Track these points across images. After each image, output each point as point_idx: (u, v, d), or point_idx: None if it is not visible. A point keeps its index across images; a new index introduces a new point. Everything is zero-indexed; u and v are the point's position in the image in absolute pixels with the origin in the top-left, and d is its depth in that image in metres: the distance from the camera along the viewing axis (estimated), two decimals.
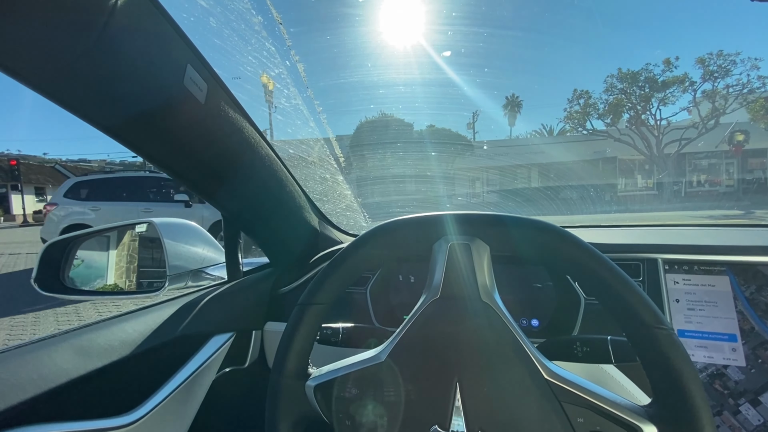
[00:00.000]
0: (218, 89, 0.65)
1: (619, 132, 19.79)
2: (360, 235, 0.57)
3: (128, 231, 1.15)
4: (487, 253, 0.52)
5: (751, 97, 17.73)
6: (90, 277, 1.05)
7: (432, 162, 7.63)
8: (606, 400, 0.45)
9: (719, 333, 0.76)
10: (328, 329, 0.68)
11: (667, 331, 0.44)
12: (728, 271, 0.78)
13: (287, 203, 0.94)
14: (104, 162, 53.16)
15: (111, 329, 0.69)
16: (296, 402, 0.55)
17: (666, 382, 0.44)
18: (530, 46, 36.23)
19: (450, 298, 0.50)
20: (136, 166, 64.50)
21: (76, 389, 0.58)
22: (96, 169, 46.32)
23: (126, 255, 1.14)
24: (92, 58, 0.47)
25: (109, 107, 0.54)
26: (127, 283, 1.08)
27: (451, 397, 0.48)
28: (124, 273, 1.10)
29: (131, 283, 1.07)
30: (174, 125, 0.60)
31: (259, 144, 0.78)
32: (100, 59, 0.47)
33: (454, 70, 22.38)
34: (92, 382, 0.60)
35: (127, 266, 1.12)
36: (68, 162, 43.16)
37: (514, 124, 33.13)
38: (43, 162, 36.44)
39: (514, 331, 0.48)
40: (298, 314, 0.56)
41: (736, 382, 0.74)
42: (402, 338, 0.51)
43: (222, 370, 0.87)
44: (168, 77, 0.55)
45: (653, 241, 0.87)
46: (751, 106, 17.65)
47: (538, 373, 0.47)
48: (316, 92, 1.24)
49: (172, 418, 0.71)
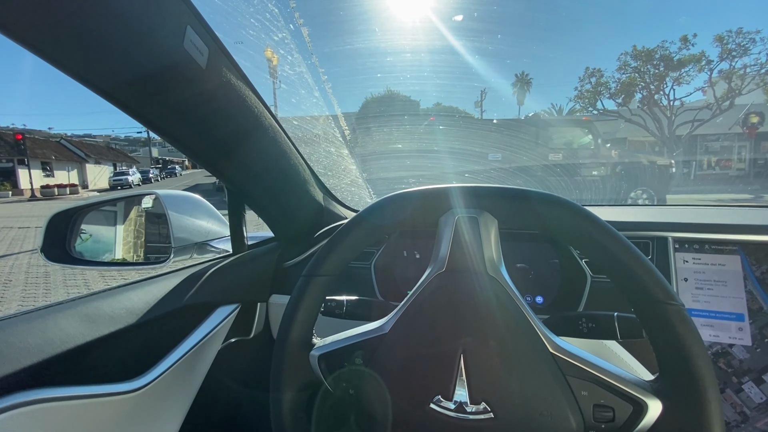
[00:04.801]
0: (220, 54, 0.62)
1: (630, 112, 19.36)
2: (363, 208, 0.56)
3: (134, 205, 1.15)
4: (494, 227, 0.50)
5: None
6: (95, 248, 1.05)
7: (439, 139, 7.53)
8: (611, 374, 0.45)
9: (727, 312, 0.75)
10: (333, 301, 0.68)
11: (677, 307, 0.44)
12: (740, 251, 0.77)
13: (292, 176, 0.92)
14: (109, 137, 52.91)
15: (117, 297, 0.69)
16: (300, 370, 0.56)
17: (674, 358, 0.43)
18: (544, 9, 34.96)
19: (456, 271, 0.49)
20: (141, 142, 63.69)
21: (83, 355, 0.59)
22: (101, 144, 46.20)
23: (132, 227, 1.14)
24: (85, 13, 0.45)
25: (105, 68, 0.52)
26: (133, 254, 1.08)
27: (456, 368, 0.47)
28: (130, 245, 1.11)
29: (137, 254, 1.08)
30: (173, 90, 0.58)
31: (262, 114, 0.76)
32: (94, 15, 0.45)
33: (464, 38, 21.64)
34: (98, 348, 0.61)
35: (132, 238, 1.12)
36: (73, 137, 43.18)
37: (523, 102, 32.49)
38: (48, 137, 36.49)
39: (520, 305, 0.48)
40: (303, 285, 0.56)
41: (740, 360, 0.74)
42: (407, 310, 0.51)
43: (228, 341, 0.88)
44: (167, 39, 0.53)
45: (663, 219, 0.85)
46: None
47: (544, 346, 0.46)
48: (321, 59, 1.19)
49: (178, 385, 0.72)
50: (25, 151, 25.47)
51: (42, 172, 29.75)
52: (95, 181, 35.50)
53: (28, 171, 27.10)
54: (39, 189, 27.11)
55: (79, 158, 34.85)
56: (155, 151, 53.88)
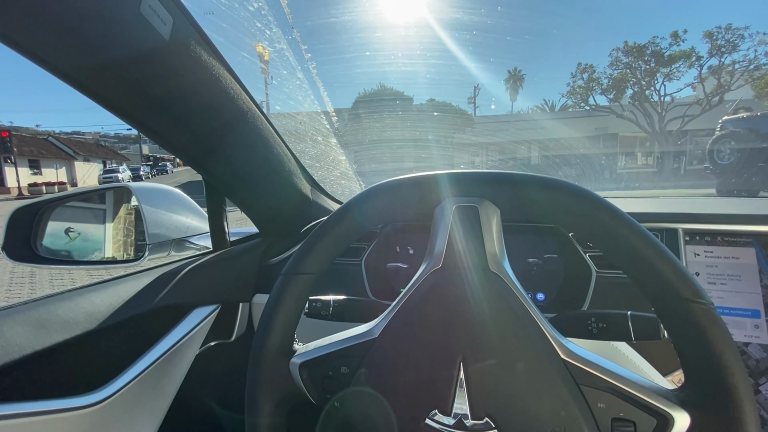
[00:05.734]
0: (186, 25, 0.55)
1: (622, 108, 19.48)
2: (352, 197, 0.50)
3: (106, 199, 1.07)
4: (496, 217, 0.45)
5: (757, 73, 17.40)
6: (63, 245, 0.98)
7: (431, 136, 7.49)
8: (631, 383, 0.39)
9: (741, 308, 0.71)
10: (318, 302, 0.62)
11: (707, 306, 0.38)
12: (755, 243, 0.72)
13: (275, 167, 0.86)
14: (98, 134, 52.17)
15: (75, 301, 0.62)
16: (279, 381, 0.50)
17: (703, 364, 0.38)
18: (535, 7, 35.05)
19: (454, 268, 0.44)
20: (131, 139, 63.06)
21: (33, 366, 0.52)
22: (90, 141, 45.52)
23: (104, 223, 1.07)
24: None
25: (55, 39, 0.45)
26: (104, 252, 1.01)
27: (454, 377, 0.42)
28: (101, 241, 1.03)
29: (109, 252, 1.01)
30: (131, 65, 0.51)
31: (239, 96, 0.69)
32: None
33: (457, 34, 21.55)
34: (52, 358, 0.54)
35: (105, 234, 1.05)
36: (62, 134, 42.43)
37: (516, 99, 32.57)
38: (35, 134, 35.81)
39: (526, 304, 0.42)
40: (283, 284, 0.50)
41: (757, 360, 0.69)
42: (398, 312, 0.45)
43: (206, 344, 0.82)
44: (121, 4, 0.46)
45: (673, 209, 0.80)
46: (757, 82, 17.36)
47: (554, 352, 0.41)
48: (304, 34, 1.10)
49: (147, 396, 0.65)
50: (11, 148, 24.94)
51: (29, 170, 29.22)
52: (84, 178, 34.98)
53: (15, 169, 26.59)
54: (26, 187, 26.61)
55: (67, 156, 34.28)
56: (146, 148, 53.09)
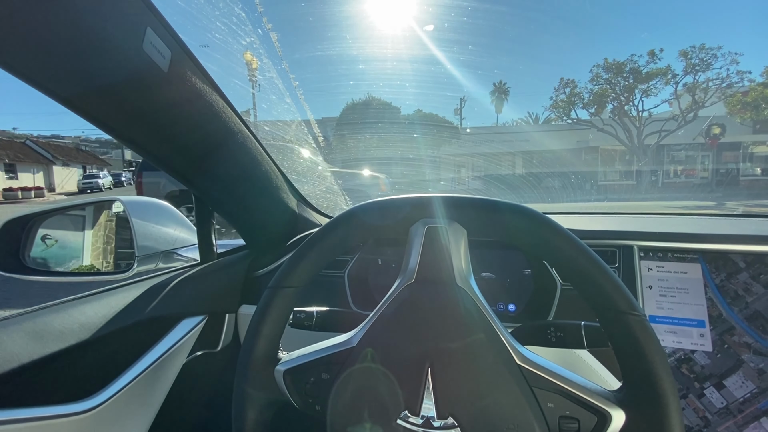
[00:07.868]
0: (183, 57, 0.60)
1: (602, 122, 20.06)
2: (335, 216, 0.55)
3: (101, 210, 1.10)
4: (464, 237, 0.50)
5: (729, 91, 18.18)
6: (53, 258, 1.00)
7: (418, 147, 7.60)
8: (576, 385, 0.45)
9: (689, 319, 0.78)
10: (302, 313, 0.66)
11: (639, 318, 0.44)
12: (700, 259, 0.79)
13: (262, 182, 0.90)
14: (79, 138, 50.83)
15: (68, 311, 0.65)
16: (265, 387, 0.54)
17: (636, 368, 0.44)
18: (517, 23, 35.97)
19: (425, 282, 0.49)
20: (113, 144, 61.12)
21: (28, 374, 0.55)
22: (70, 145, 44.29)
23: (94, 236, 1.09)
24: (33, 10, 0.42)
25: (59, 71, 0.49)
26: (94, 264, 1.03)
27: (423, 382, 0.47)
28: (91, 253, 1.05)
29: (98, 264, 1.03)
30: (134, 95, 0.56)
31: (230, 118, 0.73)
32: (43, 12, 0.43)
33: (438, 47, 21.87)
34: (46, 366, 0.57)
35: (94, 247, 1.07)
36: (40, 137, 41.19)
37: (501, 111, 33.16)
38: (12, 137, 34.69)
39: (488, 316, 0.47)
40: (269, 298, 0.54)
41: (702, 366, 0.76)
42: (375, 322, 0.50)
43: (193, 354, 0.85)
44: (125, 41, 0.51)
45: (630, 228, 0.87)
46: (729, 100, 18.12)
47: (511, 358, 0.46)
48: (292, 65, 1.17)
49: (136, 403, 0.68)
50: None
51: (5, 174, 28.27)
52: (63, 184, 33.98)
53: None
54: (1, 192, 25.74)
55: (45, 160, 33.27)
56: (128, 153, 52.01)
